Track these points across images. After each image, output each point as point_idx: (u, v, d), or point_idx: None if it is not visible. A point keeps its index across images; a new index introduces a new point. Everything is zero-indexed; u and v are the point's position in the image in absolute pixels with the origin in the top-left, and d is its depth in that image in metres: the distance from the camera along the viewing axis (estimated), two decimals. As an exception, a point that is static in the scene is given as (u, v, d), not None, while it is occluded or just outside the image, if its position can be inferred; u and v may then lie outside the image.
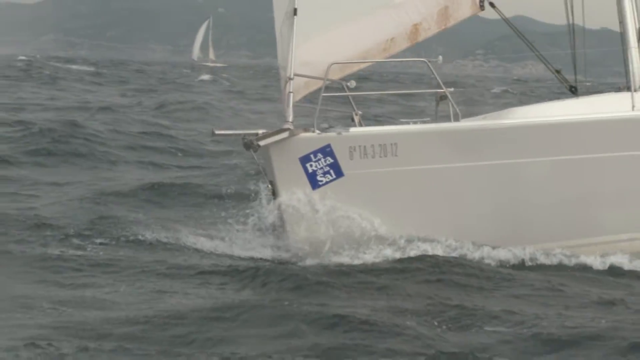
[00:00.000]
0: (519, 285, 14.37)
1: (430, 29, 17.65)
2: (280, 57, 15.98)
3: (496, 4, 18.04)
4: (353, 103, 16.29)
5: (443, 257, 15.21)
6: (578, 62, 18.48)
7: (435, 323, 12.21)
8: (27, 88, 55.59)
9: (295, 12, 15.95)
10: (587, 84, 18.73)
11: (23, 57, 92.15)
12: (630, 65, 17.09)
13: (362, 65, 17.55)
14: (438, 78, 15.86)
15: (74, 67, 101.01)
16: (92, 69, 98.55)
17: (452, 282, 14.35)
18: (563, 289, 14.28)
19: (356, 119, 16.28)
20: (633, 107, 16.66)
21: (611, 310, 13.06)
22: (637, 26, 18.23)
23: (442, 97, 16.23)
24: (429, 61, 15.99)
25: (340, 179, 15.41)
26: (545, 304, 13.39)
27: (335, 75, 16.59)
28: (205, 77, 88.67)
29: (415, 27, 17.53)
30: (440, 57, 16.34)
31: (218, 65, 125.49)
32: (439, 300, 13.24)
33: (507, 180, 15.99)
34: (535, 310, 12.89)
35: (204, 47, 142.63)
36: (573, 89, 18.44)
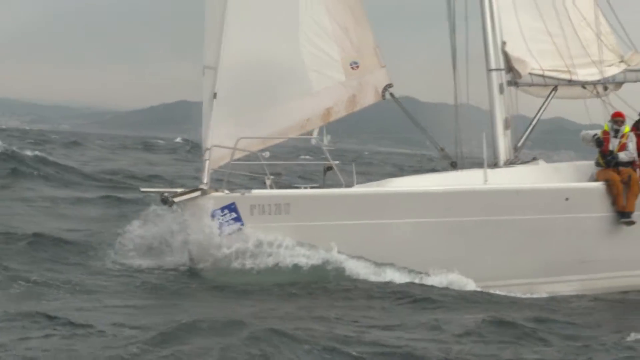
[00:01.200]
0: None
1: (339, 112, 17.69)
2: (203, 132, 15.79)
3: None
4: (267, 169, 15.98)
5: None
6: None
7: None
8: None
9: (215, 95, 15.83)
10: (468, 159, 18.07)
11: (179, 140, 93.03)
12: (485, 147, 16.41)
13: (281, 140, 17.15)
14: (326, 152, 15.58)
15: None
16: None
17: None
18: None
19: (268, 182, 15.93)
20: (486, 180, 15.93)
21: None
22: (504, 116, 17.67)
23: (329, 168, 15.82)
24: (318, 139, 15.76)
25: (241, 230, 15.34)
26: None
27: (258, 147, 16.37)
28: (307, 156, 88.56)
29: (328, 110, 17.53)
30: (329, 136, 16.05)
31: (330, 147, 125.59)
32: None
33: (378, 237, 15.63)
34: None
35: (320, 134, 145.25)
36: (454, 164, 17.86)
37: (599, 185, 16.79)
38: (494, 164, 17.86)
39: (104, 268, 15.46)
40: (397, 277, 15.50)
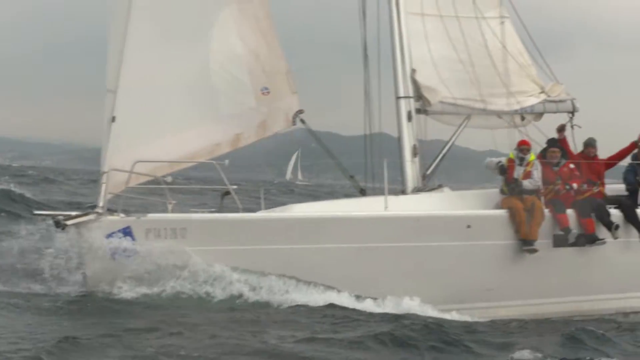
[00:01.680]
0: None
1: (250, 138, 17.37)
2: (102, 156, 15.38)
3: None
4: (168, 194, 15.53)
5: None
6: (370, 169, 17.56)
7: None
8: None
9: (113, 119, 15.35)
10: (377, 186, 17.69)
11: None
12: (386, 174, 16.04)
13: (190, 164, 16.67)
14: (224, 177, 15.20)
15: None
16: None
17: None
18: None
19: (170, 206, 15.49)
20: (386, 207, 15.55)
21: None
22: (412, 144, 17.33)
23: (226, 193, 15.42)
24: (217, 163, 15.29)
25: (137, 254, 14.82)
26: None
27: (164, 172, 16.00)
28: (274, 189, 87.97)
29: (237, 136, 17.19)
30: (227, 161, 15.62)
31: (305, 183, 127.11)
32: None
33: (274, 262, 15.13)
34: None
35: (294, 170, 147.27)
36: (362, 191, 17.49)
37: (502, 212, 16.39)
38: (402, 191, 17.56)
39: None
40: (304, 299, 15.03)
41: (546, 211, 16.57)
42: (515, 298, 16.34)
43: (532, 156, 16.91)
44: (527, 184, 16.63)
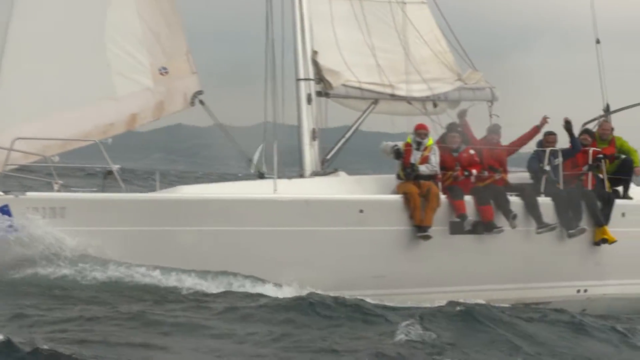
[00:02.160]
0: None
1: (146, 118, 17.08)
2: None
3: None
4: (55, 173, 15.05)
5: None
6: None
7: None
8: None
9: None
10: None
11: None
12: (275, 157, 15.74)
13: (83, 143, 16.07)
14: (106, 156, 14.72)
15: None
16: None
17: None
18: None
19: (56, 186, 15.01)
20: (275, 190, 15.12)
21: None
22: (311, 127, 16.93)
23: (109, 172, 14.91)
24: (100, 142, 14.82)
25: (15, 233, 14.33)
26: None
27: (56, 150, 15.54)
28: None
29: (133, 116, 16.82)
30: (110, 140, 15.16)
31: (270, 176, 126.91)
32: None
33: (155, 243, 14.65)
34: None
35: (259, 163, 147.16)
36: (262, 175, 17.09)
37: (396, 197, 15.92)
38: (300, 175, 17.14)
39: None
40: (188, 283, 14.48)
41: (443, 197, 16.15)
42: (408, 286, 15.85)
43: (430, 141, 16.46)
44: (423, 169, 16.15)
